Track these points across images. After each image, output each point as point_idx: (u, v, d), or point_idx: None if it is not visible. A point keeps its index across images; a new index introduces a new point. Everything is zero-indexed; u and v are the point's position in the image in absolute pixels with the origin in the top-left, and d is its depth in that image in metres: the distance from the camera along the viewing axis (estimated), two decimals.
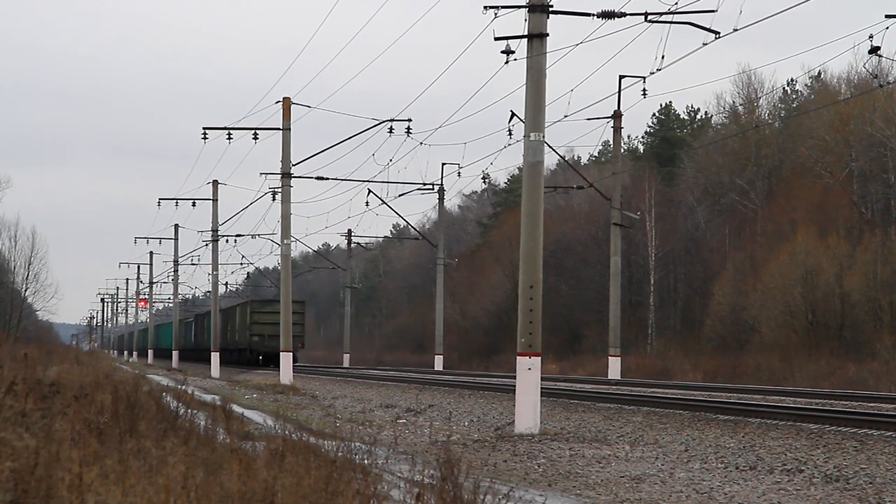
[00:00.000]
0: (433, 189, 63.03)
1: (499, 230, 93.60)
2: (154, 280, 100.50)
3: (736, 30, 23.99)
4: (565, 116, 36.56)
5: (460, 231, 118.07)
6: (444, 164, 75.68)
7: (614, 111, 47.77)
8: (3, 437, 9.54)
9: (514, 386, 20.88)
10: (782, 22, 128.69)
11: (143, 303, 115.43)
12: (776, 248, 60.80)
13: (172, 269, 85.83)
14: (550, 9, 21.16)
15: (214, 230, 64.19)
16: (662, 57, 25.72)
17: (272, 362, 61.71)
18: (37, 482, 8.37)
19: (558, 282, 75.03)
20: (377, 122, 43.18)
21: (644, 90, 34.48)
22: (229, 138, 45.82)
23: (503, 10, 21.89)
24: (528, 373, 20.46)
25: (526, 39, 21.05)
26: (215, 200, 63.68)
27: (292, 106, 43.95)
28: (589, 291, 75.66)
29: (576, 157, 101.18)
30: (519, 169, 56.21)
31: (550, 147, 51.71)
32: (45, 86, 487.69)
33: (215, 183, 63.59)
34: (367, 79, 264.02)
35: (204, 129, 45.93)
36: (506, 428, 21.44)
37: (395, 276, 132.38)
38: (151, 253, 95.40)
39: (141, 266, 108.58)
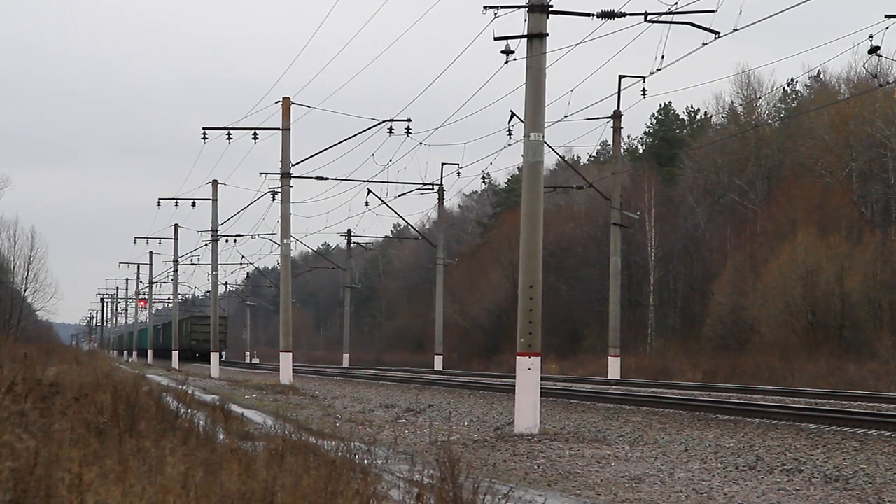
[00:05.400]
0: (433, 189, 63.06)
1: (499, 230, 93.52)
2: (154, 280, 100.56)
3: (736, 30, 24.02)
4: (565, 116, 36.67)
5: (460, 231, 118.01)
6: (443, 164, 75.82)
7: (614, 111, 47.80)
8: (3, 438, 9.53)
9: (514, 386, 20.88)
10: (782, 22, 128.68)
11: (142, 303, 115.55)
12: (776, 247, 60.75)
13: (172, 269, 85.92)
14: (550, 9, 21.15)
15: (214, 230, 64.18)
16: (662, 57, 25.77)
17: (204, 359, 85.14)
18: (36, 482, 8.36)
19: (558, 282, 74.97)
20: (377, 122, 43.21)
21: (644, 90, 34.47)
22: (229, 138, 45.85)
23: (503, 10, 21.89)
24: (528, 373, 20.46)
25: (526, 39, 21.05)
26: (215, 200, 63.69)
27: (292, 106, 43.97)
28: (589, 291, 75.61)
29: (575, 157, 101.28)
30: (519, 169, 56.22)
31: (550, 147, 51.73)
32: (45, 86, 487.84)
33: (215, 183, 63.62)
34: (367, 79, 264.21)
35: (204, 129, 45.96)
36: (505, 428, 21.43)
37: (394, 276, 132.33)
38: (151, 253, 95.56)
39: (141, 266, 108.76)
